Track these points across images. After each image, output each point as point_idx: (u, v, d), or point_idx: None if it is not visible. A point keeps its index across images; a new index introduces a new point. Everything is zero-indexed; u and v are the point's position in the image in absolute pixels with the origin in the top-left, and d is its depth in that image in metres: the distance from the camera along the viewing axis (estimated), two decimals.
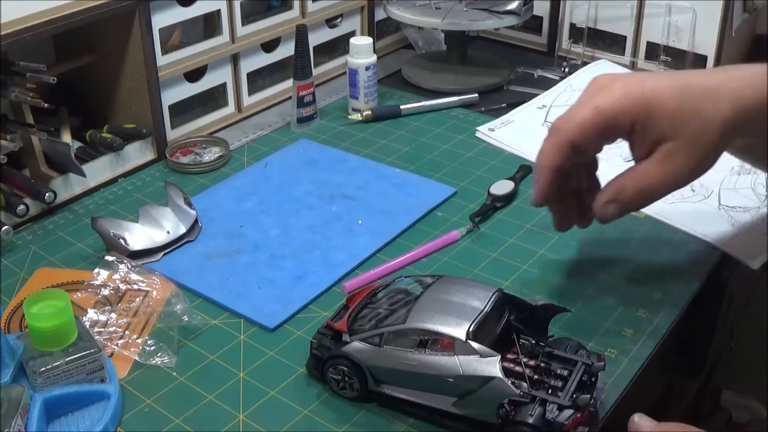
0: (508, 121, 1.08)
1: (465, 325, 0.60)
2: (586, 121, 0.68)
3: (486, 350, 0.59)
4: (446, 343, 0.60)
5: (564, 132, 0.68)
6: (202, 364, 0.70)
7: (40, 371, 0.63)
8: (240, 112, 1.13)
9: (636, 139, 0.68)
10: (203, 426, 0.64)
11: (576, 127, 0.68)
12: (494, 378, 0.58)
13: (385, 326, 0.63)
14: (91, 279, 0.78)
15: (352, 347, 0.64)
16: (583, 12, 1.23)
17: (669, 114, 0.66)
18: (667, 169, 0.67)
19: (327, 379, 0.66)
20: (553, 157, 0.69)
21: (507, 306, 0.65)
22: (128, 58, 0.97)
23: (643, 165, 0.68)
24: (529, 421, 0.57)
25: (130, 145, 0.99)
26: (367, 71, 1.11)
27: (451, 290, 0.65)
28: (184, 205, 0.87)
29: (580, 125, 0.68)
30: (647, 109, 0.66)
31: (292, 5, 1.15)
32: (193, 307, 0.75)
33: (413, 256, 0.83)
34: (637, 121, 0.67)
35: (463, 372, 0.59)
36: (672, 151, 0.67)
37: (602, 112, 0.67)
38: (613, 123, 0.67)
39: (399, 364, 0.62)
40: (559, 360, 0.62)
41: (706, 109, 0.65)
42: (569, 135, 0.68)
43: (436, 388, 0.61)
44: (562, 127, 0.69)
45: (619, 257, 0.83)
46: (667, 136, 0.66)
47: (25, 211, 0.87)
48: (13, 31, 0.83)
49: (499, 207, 0.91)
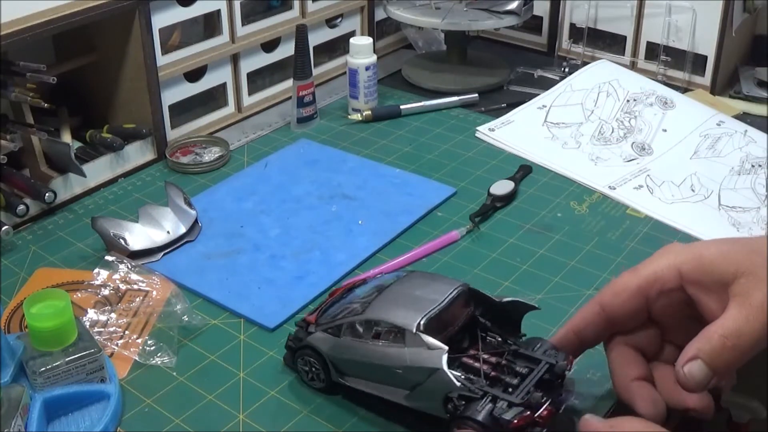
0: (508, 121, 1.08)
1: (417, 317, 0.60)
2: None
3: (434, 342, 0.59)
4: (398, 335, 0.60)
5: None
6: (202, 364, 0.70)
7: (40, 371, 0.63)
8: (240, 112, 1.13)
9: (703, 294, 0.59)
10: (203, 426, 0.64)
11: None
12: (438, 370, 0.58)
13: (344, 317, 0.64)
14: (91, 279, 0.78)
15: (315, 337, 0.65)
16: (583, 12, 1.23)
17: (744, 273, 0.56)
18: (751, 305, 0.55)
19: (299, 371, 0.67)
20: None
21: (472, 301, 0.64)
22: (128, 58, 0.97)
23: (723, 313, 0.56)
24: (476, 417, 0.56)
25: (130, 145, 0.99)
26: (367, 71, 1.11)
27: (415, 284, 0.65)
28: (184, 205, 0.87)
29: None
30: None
31: (292, 5, 1.15)
32: (193, 307, 0.75)
33: (413, 256, 0.83)
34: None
35: (410, 363, 0.59)
36: (746, 288, 0.56)
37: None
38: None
39: (356, 355, 0.63)
40: (523, 358, 0.61)
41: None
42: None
43: (389, 380, 0.61)
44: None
45: (619, 257, 0.83)
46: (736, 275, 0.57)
47: (25, 211, 0.87)
48: (13, 31, 0.83)
49: (499, 207, 0.91)
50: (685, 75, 1.16)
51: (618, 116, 1.06)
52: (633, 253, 0.83)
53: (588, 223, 0.88)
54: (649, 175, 0.96)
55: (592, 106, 1.07)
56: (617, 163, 0.99)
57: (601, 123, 1.05)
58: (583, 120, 1.06)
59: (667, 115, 1.05)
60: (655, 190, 0.93)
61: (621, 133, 1.03)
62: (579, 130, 1.05)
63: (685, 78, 1.17)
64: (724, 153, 0.98)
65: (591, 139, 1.03)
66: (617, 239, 0.86)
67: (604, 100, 1.08)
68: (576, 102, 1.08)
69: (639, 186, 0.94)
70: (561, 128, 1.05)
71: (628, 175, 0.96)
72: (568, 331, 0.63)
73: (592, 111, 1.07)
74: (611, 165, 0.99)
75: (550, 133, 1.05)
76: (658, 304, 0.61)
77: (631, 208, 0.91)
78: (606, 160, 1.00)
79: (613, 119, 1.05)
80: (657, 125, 1.04)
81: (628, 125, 1.04)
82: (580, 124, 1.06)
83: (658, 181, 0.95)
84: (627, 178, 0.95)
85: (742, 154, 0.98)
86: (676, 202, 0.91)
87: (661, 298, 0.60)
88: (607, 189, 0.94)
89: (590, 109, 1.07)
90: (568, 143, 1.03)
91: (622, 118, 1.05)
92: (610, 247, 0.84)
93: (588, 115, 1.07)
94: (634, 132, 1.03)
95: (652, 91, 1.08)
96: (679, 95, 1.09)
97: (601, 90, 1.09)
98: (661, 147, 1.01)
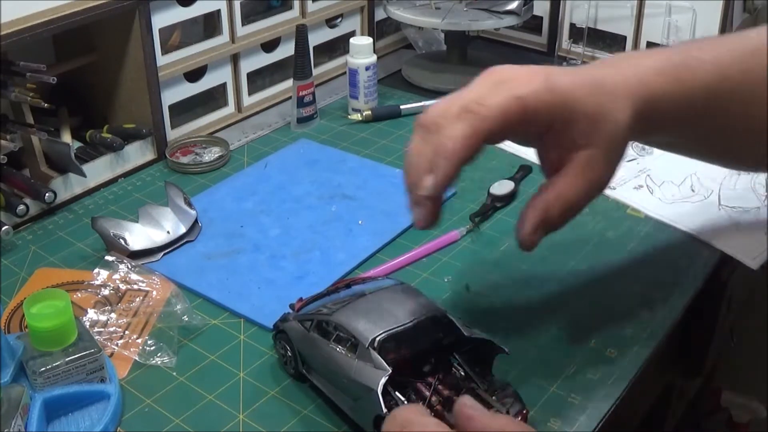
0: None
1: (376, 332, 0.60)
2: (509, 110, 0.58)
3: (380, 362, 0.58)
4: (353, 345, 0.60)
5: (482, 118, 0.58)
6: (202, 364, 0.70)
7: (40, 371, 0.63)
8: (240, 112, 1.13)
9: (550, 140, 0.61)
10: (203, 426, 0.64)
11: (498, 113, 0.58)
12: (372, 390, 0.57)
13: (317, 313, 0.64)
14: (91, 279, 0.78)
15: (289, 325, 0.66)
16: (583, 12, 1.23)
17: (586, 116, 0.60)
18: (590, 179, 0.61)
19: (278, 354, 0.69)
20: (465, 143, 0.58)
21: (442, 329, 0.63)
22: (128, 58, 0.97)
23: (563, 179, 0.61)
24: None
25: (130, 145, 0.99)
26: (367, 71, 1.11)
27: (393, 298, 0.64)
28: (184, 205, 0.87)
29: (502, 112, 0.58)
30: (569, 108, 0.59)
31: (292, 5, 1.15)
32: (193, 307, 0.75)
33: (413, 256, 0.83)
34: (556, 120, 0.60)
35: (354, 376, 0.59)
36: (591, 161, 0.60)
37: (525, 103, 0.58)
38: (533, 117, 0.59)
39: (318, 353, 0.63)
40: (478, 399, 0.58)
41: (615, 112, 0.60)
42: (489, 122, 0.58)
43: (340, 387, 0.62)
44: (480, 111, 0.58)
45: (619, 257, 0.83)
46: (585, 142, 0.60)
47: (25, 211, 0.87)
48: (13, 31, 0.83)
49: (499, 207, 0.91)
50: None
51: None
52: (633, 253, 0.83)
53: (588, 223, 0.88)
54: (649, 175, 0.96)
55: None
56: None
57: None
58: None
59: None
60: (655, 190, 0.93)
61: None
62: None
63: None
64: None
65: None
66: (617, 239, 0.86)
67: None
68: None
69: (639, 186, 0.94)
70: None
71: (628, 175, 0.96)
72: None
73: None
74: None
75: None
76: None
77: (631, 208, 0.91)
78: None
79: None
80: None
81: None
82: None
83: (658, 181, 0.95)
84: (627, 178, 0.95)
85: None
86: (676, 202, 0.91)
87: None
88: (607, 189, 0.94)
89: None
90: None
91: None
92: (610, 247, 0.84)
93: None
94: None
95: None
96: None
97: None
98: None
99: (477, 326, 0.63)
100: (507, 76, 0.60)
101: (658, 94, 0.63)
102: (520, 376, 0.67)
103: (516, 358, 0.68)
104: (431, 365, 0.61)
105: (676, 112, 0.64)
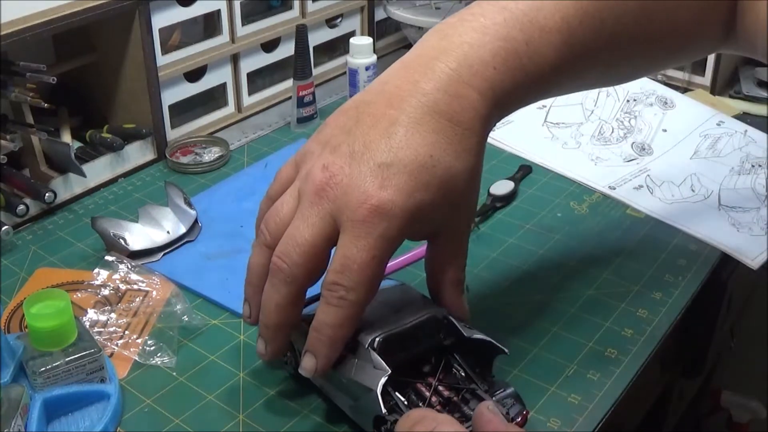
0: (508, 121, 1.08)
1: (376, 333, 0.59)
2: (375, 272, 0.57)
3: (380, 363, 0.58)
4: (353, 345, 0.60)
5: (351, 303, 0.57)
6: (202, 364, 0.70)
7: (40, 371, 0.63)
8: (240, 112, 1.13)
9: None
10: (203, 426, 0.64)
11: (365, 291, 0.57)
12: (372, 391, 0.57)
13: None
14: (91, 279, 0.78)
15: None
16: None
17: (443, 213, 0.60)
18: (464, 231, 0.64)
19: None
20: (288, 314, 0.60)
21: (443, 330, 0.62)
22: (128, 58, 0.97)
23: (448, 248, 0.64)
24: None
25: (130, 145, 0.99)
26: (367, 71, 1.11)
27: (393, 298, 0.64)
28: (184, 205, 0.87)
29: (369, 282, 0.57)
30: (425, 217, 0.59)
31: (292, 5, 1.15)
32: (193, 307, 0.75)
33: (413, 256, 0.83)
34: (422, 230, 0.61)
35: (354, 376, 0.59)
36: (457, 222, 0.62)
37: (390, 245, 0.57)
38: (394, 249, 0.58)
39: None
40: (478, 400, 0.59)
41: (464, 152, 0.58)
42: (362, 303, 0.58)
43: (339, 386, 0.61)
44: (348, 297, 0.57)
45: (619, 257, 0.83)
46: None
47: (25, 211, 0.87)
48: (13, 31, 0.83)
49: (499, 207, 0.91)
50: (685, 75, 1.16)
51: (618, 116, 1.06)
52: (633, 253, 0.83)
53: (588, 223, 0.88)
54: (649, 175, 0.96)
55: (592, 106, 1.07)
56: (617, 163, 0.99)
57: (601, 123, 1.05)
58: (583, 120, 1.06)
59: (667, 115, 1.05)
60: (655, 190, 0.93)
61: (621, 133, 1.03)
62: (579, 130, 1.05)
63: (685, 78, 1.16)
64: (724, 153, 0.99)
65: (591, 139, 1.03)
66: (617, 239, 0.86)
67: (604, 100, 1.08)
68: (576, 102, 1.08)
69: (639, 186, 0.94)
70: (561, 128, 1.05)
71: (628, 175, 0.96)
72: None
73: (592, 111, 1.07)
74: (611, 165, 0.99)
75: (550, 133, 1.05)
76: None
77: (631, 208, 0.91)
78: (606, 160, 1.00)
79: (613, 119, 1.05)
80: (657, 125, 1.04)
81: (628, 125, 1.04)
82: (580, 124, 1.06)
83: (658, 181, 0.95)
84: (627, 178, 0.95)
85: (742, 154, 0.98)
86: (676, 202, 0.91)
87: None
88: (607, 189, 0.94)
89: (590, 109, 1.07)
90: (568, 143, 1.03)
91: (622, 118, 1.05)
92: (610, 247, 0.84)
93: (588, 115, 1.07)
94: (634, 132, 1.03)
95: (652, 91, 1.09)
96: (679, 95, 1.09)
97: (600, 90, 1.09)
98: (661, 147, 1.01)
99: (477, 326, 0.63)
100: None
101: (505, 88, 0.59)
102: (520, 376, 0.68)
103: (516, 358, 0.68)
104: (431, 366, 0.61)
105: (535, 90, 0.61)
